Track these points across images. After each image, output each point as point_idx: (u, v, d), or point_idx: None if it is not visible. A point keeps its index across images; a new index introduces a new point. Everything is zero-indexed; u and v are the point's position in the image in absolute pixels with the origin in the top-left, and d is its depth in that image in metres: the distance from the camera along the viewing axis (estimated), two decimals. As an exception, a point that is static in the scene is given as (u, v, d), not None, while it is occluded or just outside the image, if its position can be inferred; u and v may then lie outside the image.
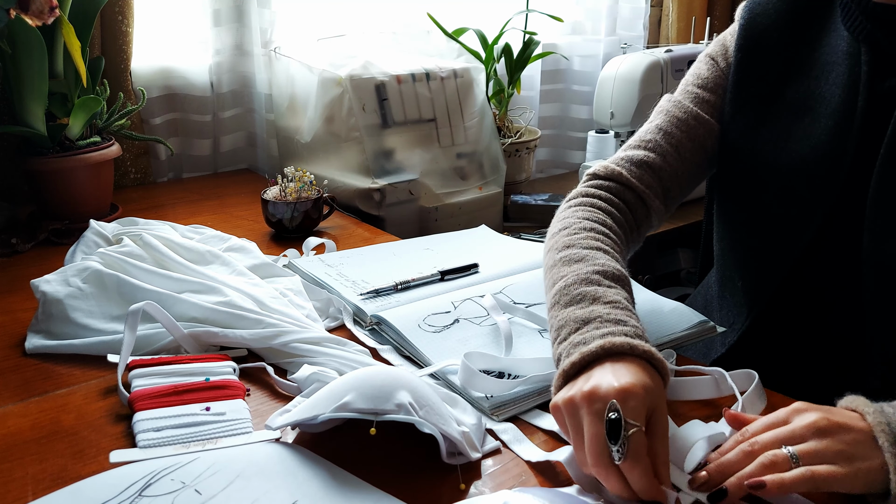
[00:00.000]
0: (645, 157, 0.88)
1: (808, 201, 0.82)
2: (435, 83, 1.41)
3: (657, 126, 0.90)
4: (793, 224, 0.83)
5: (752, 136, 0.87)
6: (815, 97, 0.82)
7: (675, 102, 0.91)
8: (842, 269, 0.81)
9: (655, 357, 0.61)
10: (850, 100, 0.79)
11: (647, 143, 0.89)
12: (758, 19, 0.88)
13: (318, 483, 0.58)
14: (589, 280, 0.70)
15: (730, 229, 0.94)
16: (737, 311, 0.92)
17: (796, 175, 0.82)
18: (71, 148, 1.16)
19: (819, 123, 0.81)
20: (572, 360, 0.61)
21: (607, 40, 1.99)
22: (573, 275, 0.71)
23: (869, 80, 0.78)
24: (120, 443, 0.65)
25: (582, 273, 0.71)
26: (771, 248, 0.86)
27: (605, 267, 0.72)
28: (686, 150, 0.89)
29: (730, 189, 0.92)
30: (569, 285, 0.70)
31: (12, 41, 1.06)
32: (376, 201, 1.30)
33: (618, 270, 0.72)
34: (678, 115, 0.90)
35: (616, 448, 0.54)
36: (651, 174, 0.87)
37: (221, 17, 1.47)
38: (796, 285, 0.86)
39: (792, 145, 0.83)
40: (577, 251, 0.75)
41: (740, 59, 0.88)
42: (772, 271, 0.86)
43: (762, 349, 0.89)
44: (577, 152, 2.04)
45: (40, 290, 0.83)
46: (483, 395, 0.70)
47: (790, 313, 0.87)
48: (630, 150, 0.90)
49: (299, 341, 0.77)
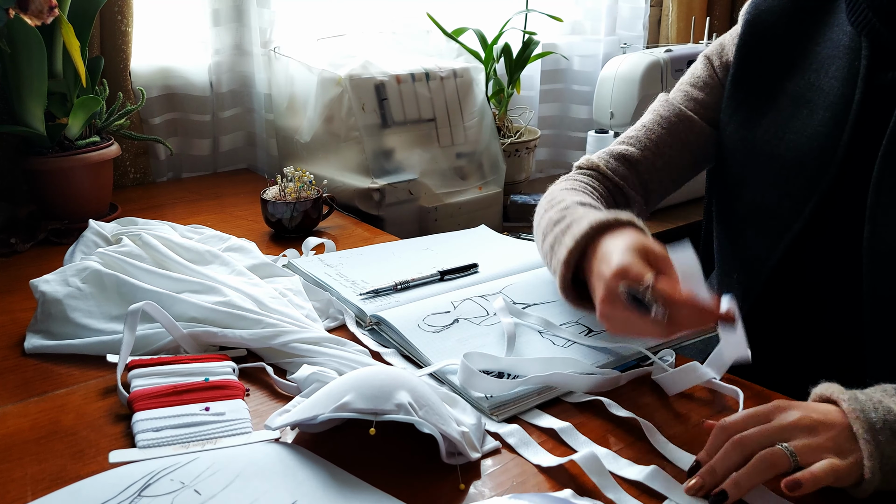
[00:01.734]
0: (624, 151, 0.95)
1: (800, 191, 0.83)
2: (434, 83, 1.40)
3: (642, 124, 0.97)
4: (785, 213, 0.84)
5: (751, 129, 0.88)
6: (813, 90, 0.84)
7: (665, 101, 0.98)
8: (836, 259, 0.82)
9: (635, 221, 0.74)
10: (847, 92, 0.80)
11: (629, 138, 0.96)
12: (763, 16, 0.89)
13: (317, 483, 0.58)
14: (566, 207, 0.82)
15: (727, 224, 0.95)
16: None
17: (791, 165, 0.84)
18: (70, 148, 1.16)
19: (816, 115, 0.82)
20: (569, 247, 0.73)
21: (607, 40, 1.99)
22: (555, 212, 0.83)
23: (868, 72, 0.79)
24: (119, 443, 0.64)
25: (561, 207, 0.83)
26: (763, 237, 0.87)
27: (584, 201, 0.83)
28: (665, 146, 0.94)
29: (728, 182, 0.93)
30: (552, 220, 0.82)
31: (11, 41, 1.06)
32: (376, 201, 1.30)
33: (595, 204, 0.82)
34: (662, 113, 0.96)
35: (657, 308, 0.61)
36: (627, 166, 0.94)
37: (221, 16, 1.47)
38: (790, 276, 0.86)
39: (789, 136, 0.84)
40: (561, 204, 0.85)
41: (744, 55, 0.90)
42: (763, 261, 0.87)
43: (759, 341, 0.89)
44: (576, 152, 2.04)
45: (39, 289, 0.83)
46: (483, 395, 0.70)
47: (785, 305, 0.88)
48: (614, 145, 0.97)
49: (299, 341, 0.77)
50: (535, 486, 0.60)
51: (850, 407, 0.57)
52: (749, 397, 0.71)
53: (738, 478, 0.55)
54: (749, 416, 0.60)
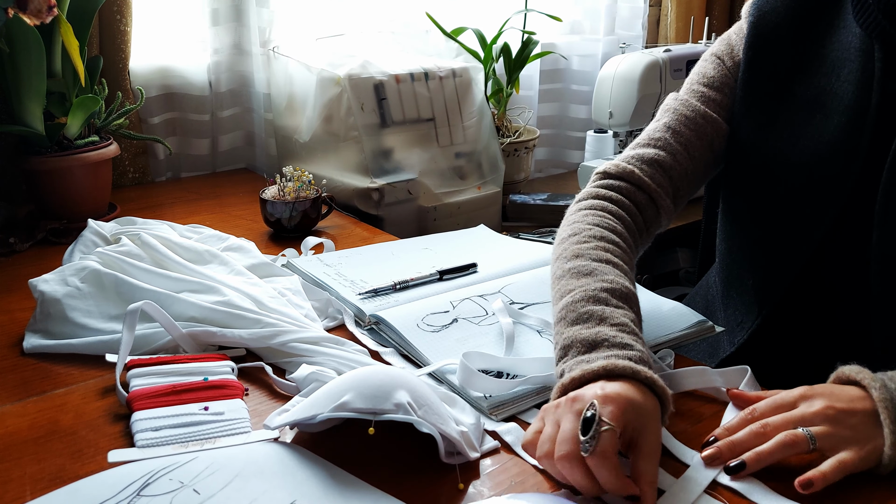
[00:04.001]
0: (656, 156, 0.86)
1: (820, 198, 0.81)
2: (434, 83, 1.40)
3: (665, 125, 0.89)
4: (805, 221, 0.83)
5: (764, 134, 0.86)
6: (827, 94, 0.82)
7: (683, 101, 0.90)
8: (852, 266, 0.81)
9: (658, 384, 0.61)
10: (863, 97, 0.79)
11: (656, 140, 0.88)
12: (767, 16, 0.87)
13: (316, 483, 0.58)
14: (597, 298, 0.69)
15: (738, 227, 0.93)
16: (745, 309, 0.92)
17: (809, 172, 0.82)
18: (69, 147, 1.16)
19: (832, 120, 0.81)
20: (573, 374, 0.62)
21: (606, 40, 1.99)
22: (581, 290, 0.70)
23: (883, 76, 0.78)
24: (118, 442, 0.64)
25: (590, 290, 0.70)
26: (783, 244, 0.86)
27: (614, 284, 0.71)
28: (695, 149, 0.88)
29: (739, 187, 0.91)
30: (576, 301, 0.69)
31: (10, 40, 1.06)
32: (375, 201, 1.30)
33: (626, 288, 0.71)
34: (686, 114, 0.89)
35: (585, 440, 0.56)
36: (662, 173, 0.86)
37: (220, 16, 1.47)
38: (807, 282, 0.85)
39: (804, 142, 0.83)
40: (585, 262, 0.74)
41: (750, 57, 0.88)
42: (784, 268, 0.86)
43: (772, 347, 0.89)
44: (575, 152, 2.04)
45: (38, 289, 0.83)
46: (481, 394, 0.70)
47: (800, 311, 0.87)
48: (640, 148, 0.88)
49: (298, 341, 0.77)
50: (535, 485, 0.60)
51: (880, 396, 0.60)
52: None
53: (761, 453, 0.59)
54: (775, 405, 0.63)
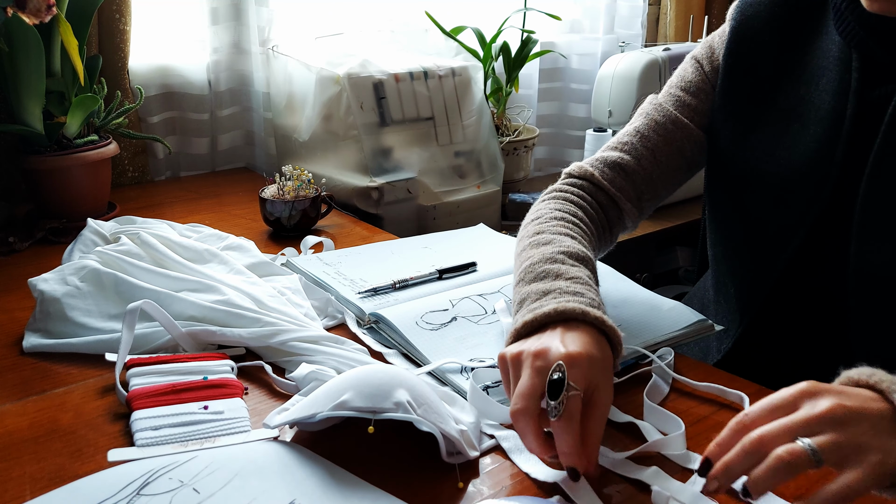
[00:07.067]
0: (619, 160, 0.89)
1: (796, 208, 0.81)
2: (433, 81, 1.40)
3: (635, 128, 0.91)
4: (782, 230, 0.83)
5: (741, 143, 0.86)
6: (804, 103, 0.82)
7: (657, 105, 0.92)
8: (830, 274, 0.81)
9: (607, 324, 0.63)
10: (839, 107, 0.78)
11: (623, 145, 0.91)
12: (750, 21, 0.86)
13: (316, 482, 0.58)
14: (553, 259, 0.73)
15: (722, 235, 0.94)
16: (730, 317, 0.92)
17: (785, 182, 0.82)
18: (68, 146, 1.16)
19: (808, 130, 0.81)
20: (525, 319, 0.63)
21: (605, 38, 1.99)
22: (539, 255, 0.74)
23: (859, 87, 0.77)
24: (118, 441, 0.64)
25: (547, 253, 0.73)
26: (760, 253, 0.86)
27: (571, 248, 0.74)
28: (662, 155, 0.90)
29: (720, 195, 0.92)
30: (534, 264, 0.73)
31: (9, 39, 1.05)
32: (374, 200, 1.30)
33: (582, 252, 0.75)
34: (657, 119, 0.91)
35: (555, 404, 0.56)
36: (623, 177, 0.89)
37: (219, 15, 1.47)
38: (787, 291, 0.85)
39: (781, 152, 0.83)
40: (545, 236, 0.77)
41: (731, 64, 0.87)
42: (762, 277, 0.86)
43: (756, 354, 0.89)
44: (575, 151, 2.04)
45: (38, 288, 0.83)
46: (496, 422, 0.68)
47: (782, 319, 0.87)
48: (607, 150, 0.91)
49: (297, 340, 0.77)
50: (534, 485, 0.60)
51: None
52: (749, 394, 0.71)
53: (756, 480, 0.50)
54: (772, 408, 0.53)
